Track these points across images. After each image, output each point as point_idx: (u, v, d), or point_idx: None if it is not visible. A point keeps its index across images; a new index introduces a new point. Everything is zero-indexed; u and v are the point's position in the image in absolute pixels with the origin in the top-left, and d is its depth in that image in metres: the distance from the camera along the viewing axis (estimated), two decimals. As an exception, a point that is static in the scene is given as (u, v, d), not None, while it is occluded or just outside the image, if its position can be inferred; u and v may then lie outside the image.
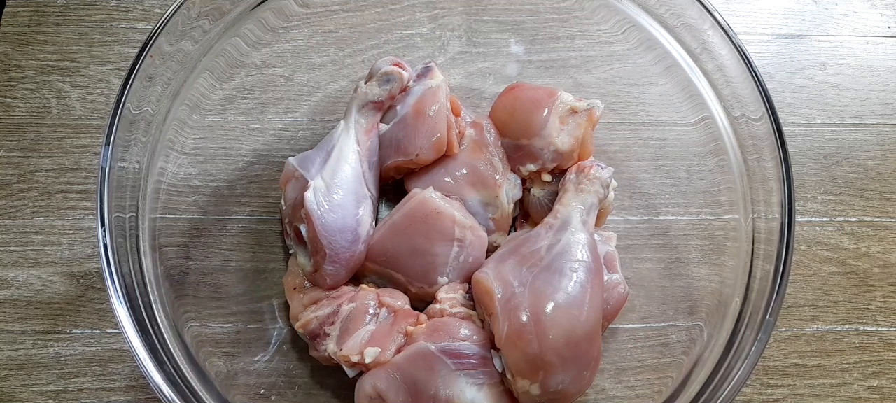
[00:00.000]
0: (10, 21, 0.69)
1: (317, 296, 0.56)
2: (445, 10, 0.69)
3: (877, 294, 0.64)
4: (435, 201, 0.56)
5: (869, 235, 0.66)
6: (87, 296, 0.60)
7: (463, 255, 0.57)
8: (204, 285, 0.59)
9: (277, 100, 0.66)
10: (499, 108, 0.61)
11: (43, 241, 0.61)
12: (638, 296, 0.61)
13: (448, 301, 0.55)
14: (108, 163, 0.50)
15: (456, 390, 0.51)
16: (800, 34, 0.74)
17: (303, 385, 0.58)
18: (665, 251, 0.63)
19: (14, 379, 0.58)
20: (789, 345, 0.62)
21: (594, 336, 0.51)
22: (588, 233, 0.54)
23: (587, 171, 0.57)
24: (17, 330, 0.59)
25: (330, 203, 0.54)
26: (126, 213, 0.51)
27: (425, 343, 0.52)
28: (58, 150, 0.64)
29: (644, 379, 0.59)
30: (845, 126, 0.71)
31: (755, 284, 0.53)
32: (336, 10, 0.67)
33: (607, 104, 0.61)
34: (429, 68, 0.59)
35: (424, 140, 0.58)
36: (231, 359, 0.57)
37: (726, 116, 0.59)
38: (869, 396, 0.61)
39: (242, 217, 0.62)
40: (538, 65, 0.69)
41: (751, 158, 0.57)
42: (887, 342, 0.63)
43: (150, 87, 0.54)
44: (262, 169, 0.64)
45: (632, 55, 0.64)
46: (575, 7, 0.67)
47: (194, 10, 0.56)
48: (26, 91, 0.66)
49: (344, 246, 0.54)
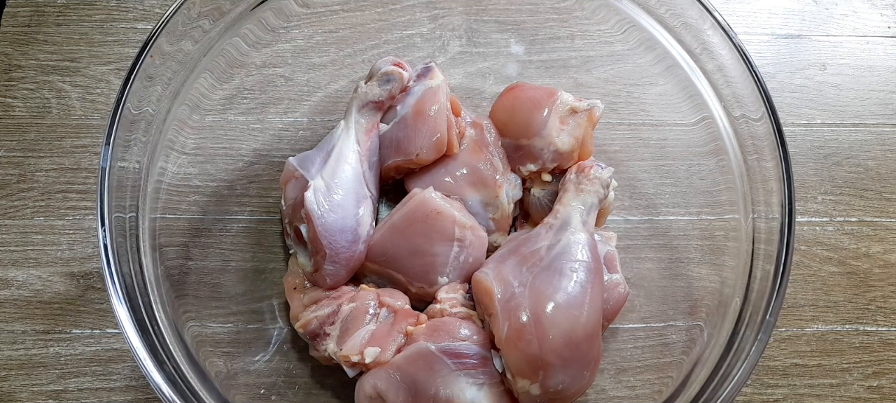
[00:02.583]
0: (11, 21, 0.69)
1: (317, 296, 0.56)
2: (445, 10, 0.69)
3: (877, 294, 0.64)
4: (435, 201, 0.56)
5: (869, 235, 0.66)
6: (87, 296, 0.60)
7: (463, 255, 0.57)
8: (204, 285, 0.59)
9: (277, 100, 0.66)
10: (499, 108, 0.61)
11: (43, 241, 0.61)
12: (638, 296, 0.61)
13: (448, 301, 0.55)
14: (109, 163, 0.50)
15: (456, 390, 0.51)
16: (800, 34, 0.74)
17: (303, 385, 0.58)
18: (665, 251, 0.63)
19: (14, 379, 0.58)
20: (789, 345, 0.62)
21: (594, 336, 0.51)
22: (588, 233, 0.54)
23: (587, 171, 0.57)
24: (17, 329, 0.59)
25: (330, 203, 0.54)
26: (126, 213, 0.51)
27: (425, 343, 0.52)
28: (58, 150, 0.64)
29: (644, 379, 0.59)
30: (845, 126, 0.71)
31: (755, 284, 0.53)
32: (336, 10, 0.67)
33: (607, 104, 0.61)
34: (429, 68, 0.59)
35: (424, 140, 0.58)
36: (231, 359, 0.57)
37: (726, 116, 0.59)
38: (869, 396, 0.61)
39: (242, 217, 0.62)
40: (538, 65, 0.69)
41: (751, 158, 0.57)
42: (887, 342, 0.63)
43: (150, 87, 0.54)
44: (262, 169, 0.64)
45: (632, 55, 0.64)
46: (575, 7, 0.67)
47: (194, 10, 0.56)
48: (26, 91, 0.66)
49: (344, 246, 0.54)
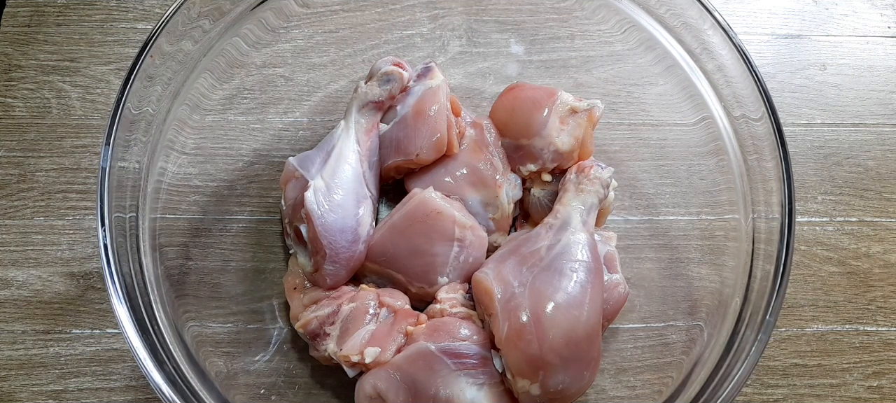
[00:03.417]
0: (11, 21, 0.69)
1: (317, 296, 0.56)
2: (445, 10, 0.69)
3: (877, 294, 0.64)
4: (435, 201, 0.56)
5: (869, 235, 0.66)
6: (87, 296, 0.60)
7: (463, 255, 0.57)
8: (204, 285, 0.59)
9: (277, 100, 0.66)
10: (499, 108, 0.61)
11: (43, 241, 0.61)
12: (638, 296, 0.61)
13: (448, 301, 0.55)
14: (109, 163, 0.50)
15: (456, 390, 0.51)
16: (800, 34, 0.74)
17: (303, 385, 0.58)
18: (665, 251, 0.63)
19: (14, 379, 0.58)
20: (789, 345, 0.62)
21: (594, 336, 0.51)
22: (588, 233, 0.54)
23: (587, 171, 0.57)
24: (17, 329, 0.59)
25: (330, 203, 0.54)
26: (126, 213, 0.51)
27: (425, 343, 0.52)
28: (58, 150, 0.64)
29: (644, 379, 0.59)
30: (845, 126, 0.71)
31: (755, 284, 0.53)
32: (336, 10, 0.67)
33: (607, 104, 0.61)
34: (429, 68, 0.59)
35: (424, 140, 0.57)
36: (231, 359, 0.57)
37: (726, 116, 0.59)
38: (869, 396, 0.61)
39: (242, 217, 0.62)
40: (538, 65, 0.69)
41: (751, 158, 0.57)
42: (887, 342, 0.63)
43: (150, 87, 0.54)
44: (262, 169, 0.64)
45: (632, 55, 0.64)
46: (575, 7, 0.67)
47: (194, 10, 0.56)
48: (26, 91, 0.66)
49: (344, 246, 0.54)
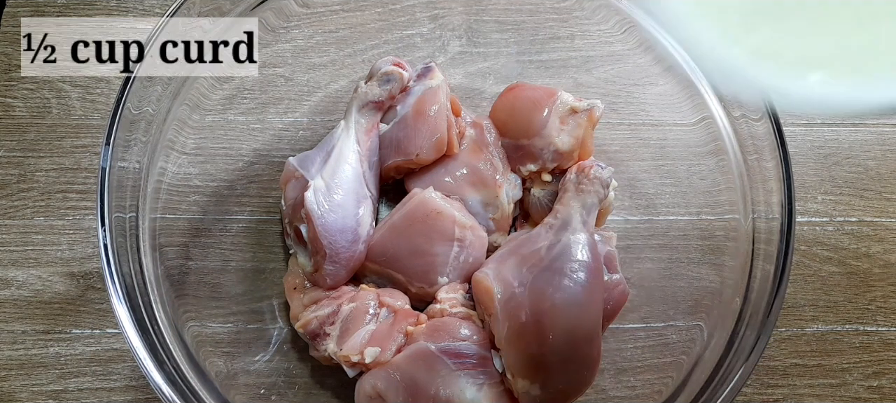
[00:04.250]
0: (11, 21, 0.69)
1: (317, 296, 0.56)
2: (445, 10, 0.69)
3: (877, 294, 0.64)
4: (435, 201, 0.56)
5: (869, 235, 0.66)
6: (87, 296, 0.60)
7: (463, 255, 0.57)
8: (204, 285, 0.59)
9: (277, 100, 0.66)
10: (499, 108, 0.61)
11: (43, 241, 0.61)
12: (638, 296, 0.61)
13: (448, 301, 0.55)
14: (109, 163, 0.50)
15: (456, 390, 0.51)
16: (800, 34, 0.74)
17: (303, 385, 0.58)
18: (665, 251, 0.63)
19: (14, 379, 0.58)
20: (789, 345, 0.62)
21: (594, 336, 0.51)
22: (588, 233, 0.54)
23: (587, 171, 0.57)
24: (17, 329, 0.59)
25: (330, 203, 0.54)
26: (126, 213, 0.51)
27: (425, 343, 0.52)
28: (58, 150, 0.64)
29: (644, 379, 0.59)
30: (845, 126, 0.70)
31: (755, 284, 0.53)
32: (336, 10, 0.67)
33: (607, 104, 0.61)
34: (429, 68, 0.59)
35: (424, 140, 0.57)
36: (231, 359, 0.57)
37: (726, 116, 0.59)
38: (869, 396, 0.61)
39: (242, 217, 0.62)
40: (538, 65, 0.69)
41: (751, 158, 0.57)
42: (887, 342, 0.63)
43: (150, 87, 0.54)
44: (262, 169, 0.64)
45: (632, 55, 0.64)
46: (575, 7, 0.67)
47: (194, 10, 0.56)
48: (26, 91, 0.66)
49: (344, 246, 0.54)
